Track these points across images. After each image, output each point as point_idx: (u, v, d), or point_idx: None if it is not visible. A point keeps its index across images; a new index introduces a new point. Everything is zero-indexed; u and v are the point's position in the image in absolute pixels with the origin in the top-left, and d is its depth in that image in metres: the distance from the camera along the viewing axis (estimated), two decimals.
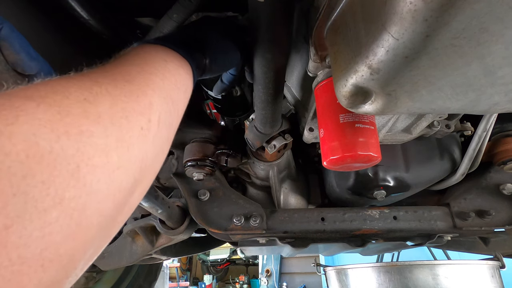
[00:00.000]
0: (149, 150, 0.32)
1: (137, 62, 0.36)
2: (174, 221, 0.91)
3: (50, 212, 0.20)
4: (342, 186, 0.91)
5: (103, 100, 0.27)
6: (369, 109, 0.41)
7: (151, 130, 0.32)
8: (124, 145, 0.28)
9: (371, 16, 0.33)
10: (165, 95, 0.36)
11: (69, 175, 0.22)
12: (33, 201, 0.19)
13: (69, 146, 0.23)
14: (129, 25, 0.71)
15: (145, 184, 0.33)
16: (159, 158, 0.35)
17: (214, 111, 1.07)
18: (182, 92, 0.40)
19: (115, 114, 0.28)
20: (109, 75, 0.31)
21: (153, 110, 0.32)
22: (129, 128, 0.29)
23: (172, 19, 0.58)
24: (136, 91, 0.31)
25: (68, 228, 0.22)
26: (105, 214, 0.25)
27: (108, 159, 0.26)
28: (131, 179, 0.29)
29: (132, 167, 0.29)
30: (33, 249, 0.19)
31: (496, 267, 1.26)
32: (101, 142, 0.25)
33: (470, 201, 0.91)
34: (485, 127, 0.79)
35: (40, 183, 0.20)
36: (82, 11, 0.57)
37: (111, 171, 0.26)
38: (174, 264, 6.72)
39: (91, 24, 0.60)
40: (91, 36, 0.62)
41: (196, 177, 0.89)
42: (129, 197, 0.29)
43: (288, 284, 5.11)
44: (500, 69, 0.32)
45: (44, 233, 0.20)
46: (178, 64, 0.41)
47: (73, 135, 0.23)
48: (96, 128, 0.25)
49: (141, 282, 1.92)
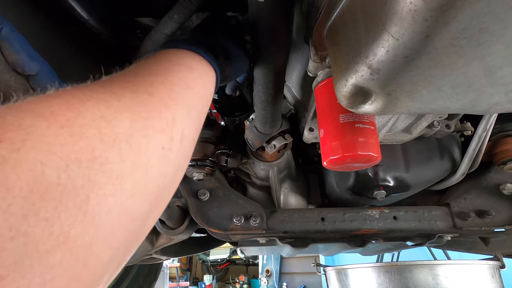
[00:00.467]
0: (168, 171, 0.29)
1: (161, 71, 0.33)
2: (174, 221, 0.91)
3: (53, 254, 0.18)
4: (342, 186, 0.91)
5: (121, 118, 0.25)
6: (369, 109, 0.41)
7: (173, 150, 0.29)
8: (141, 169, 0.25)
9: (371, 16, 0.33)
10: (189, 108, 0.33)
11: (77, 209, 0.19)
12: (34, 243, 0.17)
13: (78, 175, 0.20)
14: (129, 25, 0.71)
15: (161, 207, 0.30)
16: (178, 176, 0.32)
17: (214, 111, 1.07)
18: (206, 102, 0.38)
19: (133, 134, 0.25)
20: (130, 86, 0.28)
21: (176, 127, 0.30)
22: (148, 149, 0.26)
23: (173, 20, 0.58)
24: (159, 105, 0.29)
25: (73, 270, 0.19)
26: (115, 247, 0.23)
27: (122, 186, 0.23)
28: (146, 206, 0.26)
29: (148, 193, 0.26)
30: None
31: (496, 267, 1.26)
32: (116, 168, 0.22)
33: (470, 201, 0.91)
34: (485, 127, 0.79)
35: (43, 221, 0.18)
36: (82, 11, 0.57)
37: (125, 199, 0.23)
38: (174, 264, 6.72)
39: (91, 24, 0.60)
40: (91, 36, 0.62)
41: (196, 177, 0.89)
42: (143, 225, 0.27)
43: (288, 284, 5.10)
44: (500, 69, 0.32)
45: (46, 280, 0.18)
46: (203, 72, 0.39)
47: (84, 162, 0.21)
48: (111, 153, 0.23)
49: (141, 282, 1.92)
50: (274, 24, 0.44)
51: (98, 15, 0.60)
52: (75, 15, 0.57)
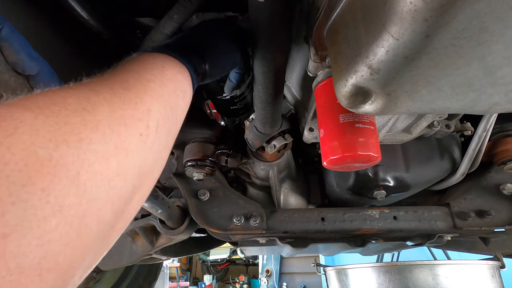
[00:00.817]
0: (147, 157, 0.32)
1: (135, 69, 0.36)
2: (174, 221, 0.91)
3: (50, 220, 0.20)
4: (342, 186, 0.91)
5: (101, 108, 0.28)
6: (369, 109, 0.41)
7: (150, 136, 0.32)
8: (123, 152, 0.28)
9: (371, 16, 0.33)
10: (163, 101, 0.36)
11: (69, 182, 0.22)
12: (33, 209, 0.19)
13: (68, 154, 0.23)
14: (129, 25, 0.71)
15: (144, 191, 0.34)
16: (158, 164, 0.35)
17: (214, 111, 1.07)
18: (181, 99, 0.40)
19: (113, 121, 0.28)
20: (107, 84, 0.31)
21: (151, 117, 0.33)
22: (128, 134, 0.29)
23: (173, 20, 0.58)
24: (134, 98, 0.32)
25: (68, 236, 0.22)
26: (104, 221, 0.25)
27: (108, 165, 0.26)
28: (129, 186, 0.29)
29: (130, 173, 0.29)
30: (32, 258, 0.19)
31: (496, 267, 1.26)
32: (101, 148, 0.25)
33: (470, 201, 0.91)
34: (485, 127, 0.79)
35: (40, 190, 0.20)
36: (82, 11, 0.57)
37: (111, 177, 0.26)
38: (174, 264, 6.72)
39: (91, 24, 0.60)
40: (91, 36, 0.62)
41: (196, 177, 0.89)
42: (127, 204, 0.29)
43: (288, 284, 5.10)
44: (500, 69, 0.32)
45: (43, 242, 0.20)
46: (176, 71, 0.41)
47: (72, 142, 0.23)
48: (95, 135, 0.25)
49: (141, 282, 1.92)
50: (274, 24, 0.44)
51: (98, 15, 0.60)
52: (75, 15, 0.57)
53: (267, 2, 0.40)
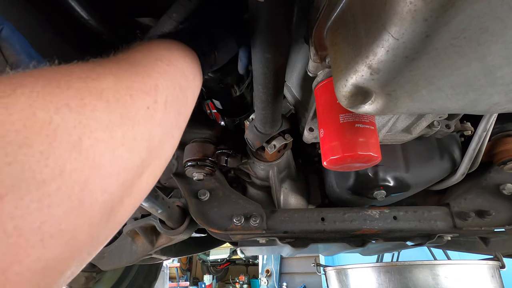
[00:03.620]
0: (156, 132, 0.30)
1: (142, 50, 0.35)
2: (174, 221, 0.91)
3: (50, 184, 0.19)
4: (342, 186, 0.91)
5: (106, 78, 0.26)
6: (369, 109, 0.41)
7: (158, 111, 0.30)
8: (128, 123, 0.26)
9: (371, 16, 0.33)
10: (171, 80, 0.34)
11: (71, 147, 0.21)
12: (31, 171, 0.18)
13: (70, 118, 0.21)
14: (129, 25, 0.71)
15: (154, 168, 0.32)
16: (168, 142, 0.34)
17: (214, 111, 1.07)
18: (191, 80, 0.39)
19: (119, 91, 0.26)
20: (113, 60, 0.31)
21: (159, 92, 0.31)
22: (134, 106, 0.27)
23: (172, 18, 0.58)
24: (142, 73, 0.30)
25: (70, 202, 0.21)
26: (109, 191, 0.24)
27: (112, 134, 0.24)
28: (137, 158, 0.27)
29: (138, 146, 0.27)
30: (31, 221, 0.18)
31: (496, 267, 1.26)
32: (105, 117, 0.24)
33: (470, 201, 0.91)
34: (485, 127, 0.79)
35: (38, 153, 0.19)
36: (82, 11, 0.57)
37: (115, 147, 0.25)
38: (174, 264, 6.72)
39: (91, 24, 0.60)
40: (91, 36, 0.62)
41: (196, 177, 0.89)
42: (136, 179, 0.28)
43: (288, 284, 5.10)
44: (500, 69, 0.32)
45: (43, 205, 0.19)
46: (184, 53, 0.40)
47: (74, 107, 0.22)
48: (99, 102, 0.24)
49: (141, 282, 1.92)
50: (274, 24, 0.44)
51: (98, 15, 0.60)
52: (75, 15, 0.57)
53: (267, 2, 0.40)
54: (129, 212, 0.29)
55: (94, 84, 0.25)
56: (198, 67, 0.42)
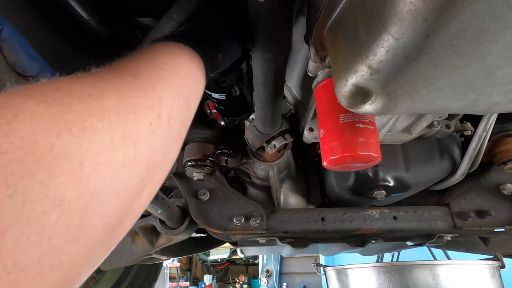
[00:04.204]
0: (157, 148, 0.30)
1: (146, 57, 0.34)
2: (174, 221, 0.91)
3: (50, 215, 0.19)
4: (342, 186, 0.91)
5: (108, 95, 0.26)
6: (369, 109, 0.41)
7: (161, 126, 0.30)
8: (130, 142, 0.26)
9: (371, 16, 0.33)
10: (176, 91, 0.34)
11: (71, 174, 0.21)
12: (31, 203, 0.18)
13: (71, 143, 0.21)
14: (129, 25, 0.71)
15: (154, 184, 0.32)
16: (168, 156, 0.34)
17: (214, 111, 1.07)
18: (194, 88, 0.38)
19: (121, 109, 0.26)
20: (115, 71, 0.30)
21: (162, 106, 0.31)
22: (136, 123, 0.27)
23: (172, 19, 0.58)
24: (145, 86, 0.30)
25: (69, 232, 0.20)
26: (108, 215, 0.24)
27: (114, 156, 0.24)
28: (137, 178, 0.27)
29: (138, 165, 0.27)
30: (31, 255, 0.18)
31: (496, 267, 1.26)
32: (107, 138, 0.24)
33: (470, 201, 0.91)
34: (485, 127, 0.79)
35: (39, 183, 0.19)
36: (82, 11, 0.57)
37: (116, 169, 0.24)
38: (174, 264, 6.72)
39: (91, 24, 0.60)
40: (91, 36, 0.62)
41: (196, 177, 0.89)
42: (136, 198, 0.28)
43: (288, 284, 5.10)
44: (500, 69, 0.32)
45: (43, 238, 0.19)
46: (189, 59, 0.39)
47: (75, 131, 0.22)
48: (101, 124, 0.24)
49: (141, 282, 1.92)
50: (274, 24, 0.44)
51: (98, 15, 0.60)
52: (75, 15, 0.57)
53: (267, 2, 0.40)
54: (127, 228, 0.29)
55: (95, 105, 0.24)
56: (202, 72, 0.42)
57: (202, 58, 0.42)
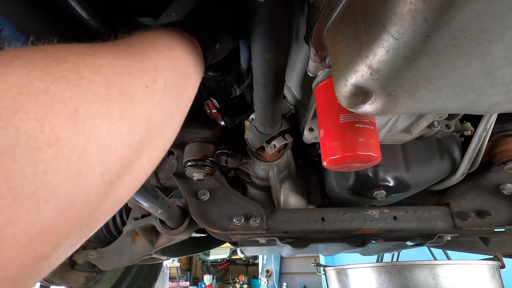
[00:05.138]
0: (155, 111, 0.30)
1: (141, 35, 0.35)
2: (174, 221, 0.91)
3: (45, 150, 0.19)
4: (342, 186, 0.91)
5: (104, 55, 0.26)
6: (369, 109, 0.41)
7: (157, 90, 0.30)
8: (126, 99, 0.26)
9: (371, 16, 0.33)
10: (172, 63, 0.34)
11: (66, 117, 0.21)
12: (26, 137, 0.18)
13: (66, 89, 0.21)
14: (129, 25, 0.71)
15: (155, 148, 0.32)
16: (168, 124, 0.33)
17: (214, 111, 1.07)
18: (192, 66, 0.38)
19: (117, 68, 0.26)
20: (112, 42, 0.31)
21: (158, 73, 0.31)
22: (132, 83, 0.27)
23: (171, 18, 0.58)
24: (141, 53, 0.30)
25: (66, 170, 0.20)
26: (108, 165, 0.24)
27: (110, 108, 0.24)
28: (136, 135, 0.27)
29: (136, 122, 0.27)
30: (26, 185, 0.18)
31: (496, 267, 1.26)
32: (102, 91, 0.24)
33: (470, 201, 0.91)
34: (485, 127, 0.79)
35: (34, 120, 0.19)
36: (82, 11, 0.57)
37: (113, 121, 0.24)
38: (174, 264, 6.72)
39: (91, 24, 0.60)
40: (91, 36, 0.62)
41: (196, 177, 0.89)
42: (136, 158, 0.28)
43: (288, 284, 5.11)
44: (500, 69, 0.32)
45: (38, 171, 0.19)
46: (186, 41, 0.39)
47: (71, 79, 0.22)
48: (97, 77, 0.24)
49: (141, 282, 1.92)
50: (274, 24, 0.44)
51: (98, 15, 0.60)
52: (75, 15, 0.57)
53: (267, 2, 0.40)
54: (130, 189, 0.29)
55: (91, 60, 0.25)
56: (200, 55, 0.41)
57: (200, 43, 0.42)
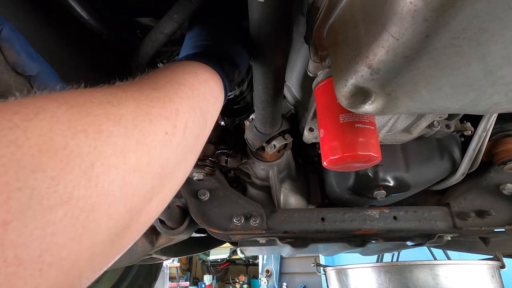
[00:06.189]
0: (171, 157, 0.30)
1: (166, 73, 0.36)
2: (174, 221, 0.91)
3: (56, 211, 0.19)
4: (342, 186, 0.91)
5: (127, 104, 0.27)
6: (369, 109, 0.41)
7: (176, 136, 0.31)
8: (144, 148, 0.27)
9: (371, 16, 0.33)
10: (193, 104, 0.35)
11: (82, 173, 0.21)
12: (39, 197, 0.18)
13: (85, 144, 0.22)
14: (129, 25, 0.71)
15: (165, 194, 0.32)
16: (182, 167, 0.34)
17: None
18: (212, 104, 0.40)
19: (138, 117, 0.27)
20: (136, 84, 0.31)
21: (179, 117, 0.32)
22: (152, 131, 0.28)
23: (173, 20, 0.58)
24: (163, 97, 0.31)
25: (73, 230, 0.20)
26: (115, 218, 0.24)
27: (126, 160, 0.25)
28: (148, 184, 0.27)
29: (150, 171, 0.27)
30: (32, 250, 0.18)
31: (496, 267, 1.26)
32: (121, 142, 0.24)
33: (470, 201, 0.91)
34: (485, 127, 0.79)
35: (49, 178, 0.19)
36: (82, 11, 0.57)
37: (127, 172, 0.25)
38: (174, 264, 6.72)
39: (91, 24, 0.60)
40: (91, 36, 0.62)
41: (196, 177, 0.89)
42: (145, 205, 0.28)
43: (288, 284, 5.11)
44: (500, 69, 0.32)
45: (46, 233, 0.19)
46: (208, 77, 0.41)
47: (91, 133, 0.23)
48: (117, 129, 0.25)
49: (141, 282, 1.92)
50: (274, 24, 0.44)
51: (98, 15, 0.60)
52: (75, 15, 0.57)
53: (267, 2, 0.40)
54: (135, 237, 0.29)
55: (113, 110, 0.26)
56: (221, 90, 0.43)
57: (221, 77, 0.43)
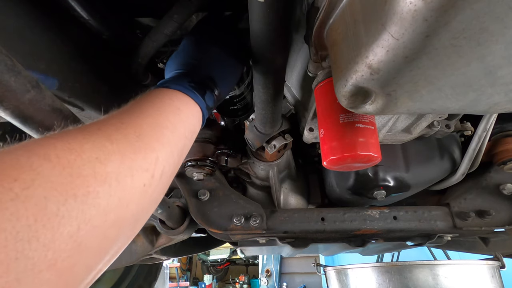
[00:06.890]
0: (145, 205, 0.33)
1: (151, 112, 0.38)
2: (174, 221, 0.91)
3: (45, 274, 0.21)
4: (342, 186, 0.91)
5: (113, 158, 0.29)
6: (369, 109, 0.41)
7: (152, 186, 0.34)
8: (124, 203, 0.29)
9: (371, 16, 0.33)
10: (172, 148, 0.38)
11: (68, 237, 0.23)
12: (32, 264, 0.20)
13: (74, 208, 0.24)
14: (129, 25, 0.71)
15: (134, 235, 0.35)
16: (152, 209, 0.37)
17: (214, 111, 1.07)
18: (189, 139, 0.43)
19: (121, 173, 0.29)
20: (123, 129, 0.33)
21: (158, 166, 0.34)
22: (132, 187, 0.30)
23: (173, 20, 0.58)
24: (144, 148, 0.33)
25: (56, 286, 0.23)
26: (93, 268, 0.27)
27: (107, 218, 0.27)
28: (122, 236, 0.30)
29: (126, 224, 0.30)
30: None
31: (496, 267, 1.26)
32: (104, 203, 0.27)
33: (470, 201, 0.91)
34: (485, 127, 0.79)
35: (42, 246, 0.21)
36: (82, 11, 0.57)
37: (106, 229, 0.27)
38: (174, 264, 6.72)
39: (91, 24, 0.60)
40: (91, 36, 0.62)
41: (196, 177, 0.89)
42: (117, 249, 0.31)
43: (288, 284, 5.11)
44: (500, 69, 0.32)
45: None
46: (189, 112, 0.44)
47: (80, 196, 0.25)
48: (102, 189, 0.27)
49: (141, 282, 1.92)
50: (274, 24, 0.44)
51: (98, 15, 0.60)
52: (75, 15, 0.57)
53: (267, 2, 0.40)
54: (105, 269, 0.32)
55: (101, 169, 0.27)
56: (199, 121, 0.46)
57: (202, 109, 0.46)
